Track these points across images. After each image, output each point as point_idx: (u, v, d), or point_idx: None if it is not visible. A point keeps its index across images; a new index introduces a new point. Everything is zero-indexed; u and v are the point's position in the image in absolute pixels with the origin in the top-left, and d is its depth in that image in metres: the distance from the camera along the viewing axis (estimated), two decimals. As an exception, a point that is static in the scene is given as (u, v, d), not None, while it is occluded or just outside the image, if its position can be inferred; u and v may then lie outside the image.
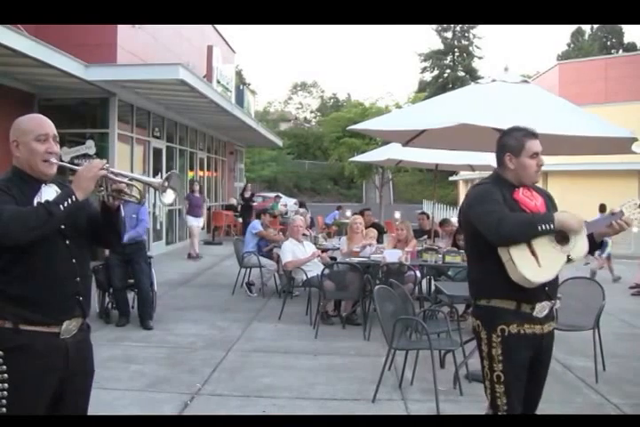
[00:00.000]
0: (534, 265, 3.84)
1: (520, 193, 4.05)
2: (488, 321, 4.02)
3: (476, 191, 4.11)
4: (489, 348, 4.00)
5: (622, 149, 8.81)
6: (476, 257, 4.16)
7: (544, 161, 4.13)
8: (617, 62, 39.05)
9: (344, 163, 34.96)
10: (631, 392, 7.13)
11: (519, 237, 3.82)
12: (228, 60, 27.05)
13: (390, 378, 7.02)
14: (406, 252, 10.32)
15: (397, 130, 9.06)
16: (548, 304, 4.03)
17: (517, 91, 8.39)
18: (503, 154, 4.13)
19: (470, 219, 4.03)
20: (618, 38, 71.19)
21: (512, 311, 3.95)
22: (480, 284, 4.11)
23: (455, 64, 70.03)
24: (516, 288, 3.87)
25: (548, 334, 4.09)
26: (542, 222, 3.81)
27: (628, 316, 11.43)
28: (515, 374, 3.96)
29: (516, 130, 4.17)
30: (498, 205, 3.91)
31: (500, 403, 3.97)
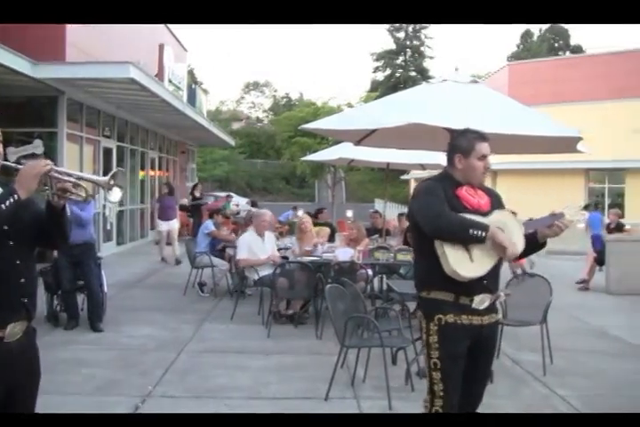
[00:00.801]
0: (466, 260, 3.95)
1: (463, 190, 4.17)
2: (428, 311, 4.14)
3: (421, 186, 4.23)
4: (427, 336, 4.13)
5: (569, 148, 8.95)
6: (419, 250, 4.32)
7: (491, 163, 4.26)
8: (565, 63, 39.59)
9: (296, 162, 35.00)
10: (577, 384, 7.31)
11: (449, 234, 3.95)
12: (180, 58, 26.90)
13: (343, 376, 7.03)
14: (358, 251, 10.37)
15: (349, 129, 9.08)
16: (489, 297, 4.11)
17: (467, 91, 8.47)
18: (453, 154, 4.25)
19: (413, 212, 4.18)
20: (565, 40, 72.21)
21: (450, 303, 4.06)
22: (422, 276, 4.25)
23: (407, 64, 70.34)
24: (453, 281, 3.98)
25: (489, 326, 4.20)
26: (476, 228, 3.92)
27: (574, 310, 11.65)
28: (450, 362, 4.07)
29: (469, 132, 4.31)
30: (438, 199, 4.02)
31: (437, 389, 4.09)
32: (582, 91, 34.33)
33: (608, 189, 35.55)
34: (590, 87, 34.37)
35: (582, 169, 34.04)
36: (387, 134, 9.00)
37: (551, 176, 32.64)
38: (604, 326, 10.49)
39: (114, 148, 19.57)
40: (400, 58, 70.44)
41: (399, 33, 69.56)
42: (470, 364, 4.14)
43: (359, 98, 58.11)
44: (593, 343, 9.38)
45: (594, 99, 33.66)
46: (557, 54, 64.94)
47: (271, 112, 76.19)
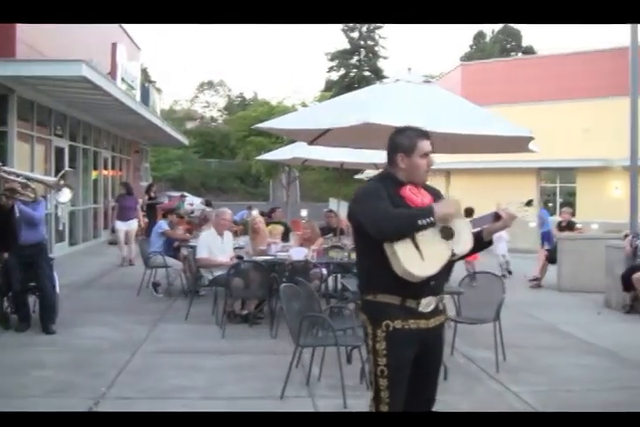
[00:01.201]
0: (418, 259, 3.85)
1: (407, 189, 4.07)
2: (374, 316, 4.03)
3: (363, 188, 4.15)
4: (374, 342, 4.01)
5: (521, 147, 9.07)
6: (363, 252, 4.20)
7: (434, 161, 4.18)
8: (517, 64, 39.94)
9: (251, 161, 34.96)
10: (530, 380, 7.42)
11: (401, 232, 3.84)
12: (133, 57, 26.71)
13: (298, 375, 7.04)
14: (312, 250, 10.39)
15: (303, 128, 9.11)
16: (434, 299, 4.05)
17: (420, 90, 8.53)
18: (395, 153, 4.14)
19: (356, 215, 4.05)
20: (517, 41, 72.93)
21: (397, 306, 3.97)
22: (367, 279, 4.14)
23: (361, 64, 70.44)
24: (400, 283, 3.89)
25: (435, 329, 4.11)
26: (422, 217, 3.82)
27: (527, 308, 11.82)
28: (398, 369, 3.99)
29: (409, 129, 4.20)
30: (382, 201, 3.92)
31: (384, 395, 4.00)
32: (534, 91, 34.67)
33: (559, 189, 35.93)
34: (541, 88, 34.72)
35: (534, 168, 34.35)
36: (340, 134, 9.03)
37: (504, 176, 32.90)
38: (555, 323, 10.66)
39: (66, 147, 19.35)
40: (354, 58, 70.51)
41: (353, 33, 69.64)
42: (419, 368, 4.08)
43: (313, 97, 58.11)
44: (545, 340, 9.52)
45: (545, 99, 34.04)
46: (510, 55, 65.53)
47: (225, 111, 75.88)
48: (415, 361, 4.05)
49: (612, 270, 12.42)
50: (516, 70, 37.31)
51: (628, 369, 8.01)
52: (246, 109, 47.84)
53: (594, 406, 6.51)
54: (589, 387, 7.23)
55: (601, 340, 9.47)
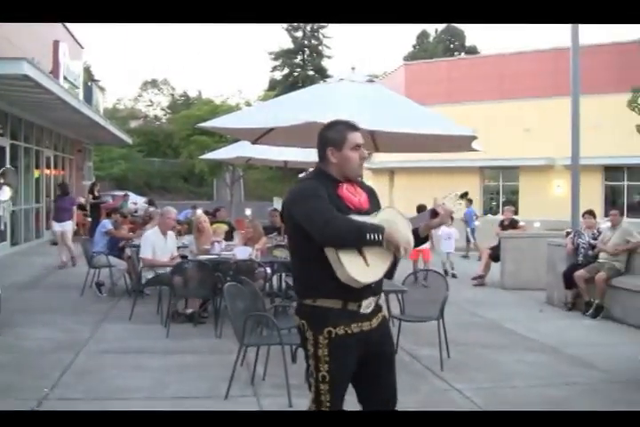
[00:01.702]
0: (362, 265, 3.76)
1: (344, 189, 3.97)
2: (314, 322, 3.92)
3: (300, 187, 4.01)
4: (315, 348, 3.90)
5: (464, 146, 9.15)
6: (300, 255, 4.04)
7: (366, 154, 4.09)
8: (460, 64, 40.33)
9: (194, 161, 34.75)
10: (473, 377, 7.50)
11: (345, 242, 3.73)
12: (76, 55, 26.38)
13: (242, 375, 7.03)
14: (256, 249, 10.38)
15: (246, 128, 9.09)
16: (374, 299, 3.99)
17: (364, 90, 8.56)
18: (325, 148, 4.02)
19: (294, 216, 3.90)
20: (460, 41, 73.62)
21: (338, 311, 3.87)
22: (305, 282, 4.00)
23: (305, 63, 70.48)
24: (342, 287, 3.79)
25: (378, 328, 4.04)
26: (372, 232, 3.71)
27: (470, 305, 11.96)
28: (340, 374, 3.92)
29: (337, 123, 4.11)
30: (323, 202, 3.80)
31: (324, 399, 3.92)
32: (476, 91, 35.05)
33: (502, 187, 36.36)
34: (484, 87, 35.12)
35: (477, 167, 34.73)
36: (284, 133, 9.03)
37: (447, 174, 33.20)
38: (498, 320, 10.79)
39: (7, 146, 19.02)
40: (298, 57, 70.51)
41: (297, 32, 69.65)
42: (368, 368, 4.02)
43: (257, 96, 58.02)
44: (488, 337, 9.63)
45: (488, 99, 34.42)
46: (453, 55, 66.13)
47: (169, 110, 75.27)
48: (363, 362, 3.99)
49: (554, 268, 12.62)
50: (459, 70, 37.69)
51: (570, 365, 8.14)
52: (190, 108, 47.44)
53: (536, 403, 6.63)
54: (531, 383, 7.33)
55: (543, 337, 9.61)
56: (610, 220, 11.87)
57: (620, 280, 10.98)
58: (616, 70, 30.55)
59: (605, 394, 6.97)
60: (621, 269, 11.19)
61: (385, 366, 4.12)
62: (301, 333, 4.00)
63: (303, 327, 3.97)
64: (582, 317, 11.26)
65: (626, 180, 33.32)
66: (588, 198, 17.20)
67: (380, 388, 4.11)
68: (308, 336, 3.95)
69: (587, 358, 8.43)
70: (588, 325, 10.74)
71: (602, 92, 28.89)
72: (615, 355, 8.57)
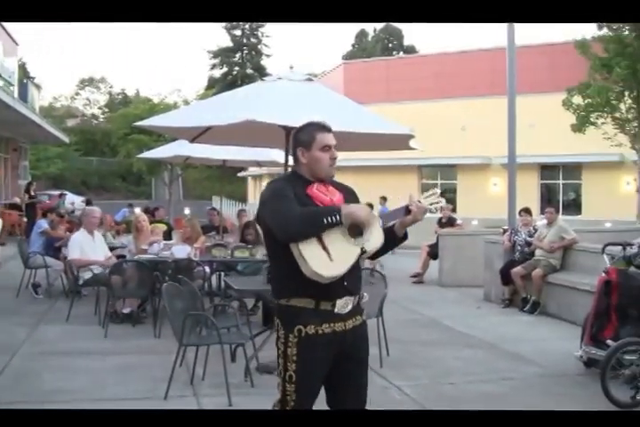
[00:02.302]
0: (326, 260, 3.75)
1: (314, 188, 3.98)
2: (286, 321, 3.93)
3: (269, 188, 4.02)
4: (285, 347, 3.91)
5: (402, 145, 9.22)
6: (273, 256, 4.08)
7: (336, 154, 4.08)
8: (398, 63, 40.60)
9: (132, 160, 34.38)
10: (412, 374, 7.57)
11: (306, 231, 3.74)
12: (11, 52, 25.91)
13: (182, 375, 6.98)
14: (195, 248, 10.33)
15: (184, 126, 9.01)
16: (351, 299, 3.96)
17: (302, 88, 8.56)
18: (296, 149, 4.07)
19: (264, 217, 3.94)
20: (398, 40, 74.15)
21: (311, 310, 3.87)
22: (279, 282, 4.03)
23: (244, 62, 70.35)
24: (313, 286, 3.78)
25: (353, 330, 4.02)
26: (327, 215, 3.72)
27: (409, 303, 12.03)
28: (308, 375, 3.91)
29: (309, 125, 4.13)
30: (287, 201, 3.82)
31: (290, 399, 3.91)
32: (415, 90, 35.32)
33: (440, 186, 36.66)
34: (422, 86, 35.39)
35: (415, 166, 35.00)
36: (222, 132, 8.98)
37: (386, 173, 33.42)
38: (437, 317, 10.90)
39: (-62, 145, 18.65)
40: (237, 55, 70.37)
41: (236, 30, 69.49)
42: (340, 371, 4.00)
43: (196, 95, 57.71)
44: (427, 334, 9.72)
45: (425, 98, 34.70)
46: (391, 54, 66.57)
47: (107, 109, 74.46)
48: (335, 364, 3.98)
49: (492, 265, 12.78)
50: (397, 69, 37.93)
51: (506, 361, 8.26)
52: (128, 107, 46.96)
53: (473, 398, 6.72)
54: (469, 379, 7.42)
55: (481, 333, 9.74)
56: (546, 217, 12.04)
57: (555, 277, 11.16)
58: (551, 70, 31.05)
59: (540, 389, 7.10)
60: (557, 265, 11.36)
61: (356, 370, 4.12)
62: (276, 332, 4.02)
63: (277, 326, 3.99)
64: (519, 313, 11.43)
65: (561, 178, 33.90)
66: (524, 196, 17.41)
67: (350, 392, 4.11)
68: (280, 335, 3.96)
69: (523, 353, 8.57)
70: (525, 321, 10.90)
71: (537, 92, 29.33)
72: (550, 350, 8.71)
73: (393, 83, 36.72)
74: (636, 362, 6.58)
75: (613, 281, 7.59)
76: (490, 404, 6.50)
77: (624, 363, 6.60)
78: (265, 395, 6.39)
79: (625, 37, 22.56)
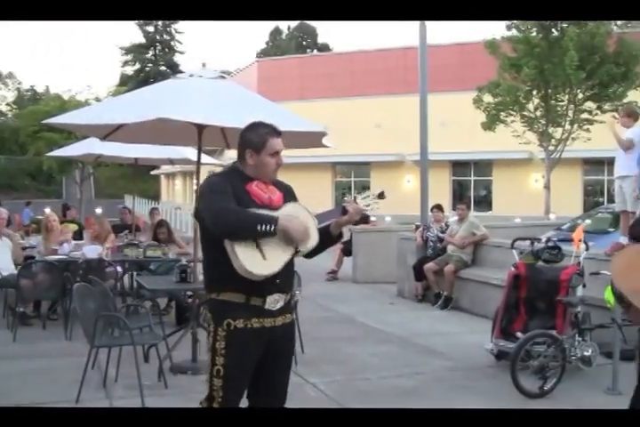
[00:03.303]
0: (259, 258, 3.77)
1: (254, 185, 3.98)
2: (216, 314, 3.95)
3: (206, 182, 4.05)
4: (213, 341, 3.92)
5: (315, 143, 9.24)
6: (207, 250, 4.09)
7: (283, 160, 4.11)
8: (312, 61, 40.79)
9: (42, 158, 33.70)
10: (327, 371, 7.61)
11: (237, 231, 3.75)
12: None
13: (94, 377, 6.86)
14: (106, 247, 10.18)
15: (95, 124, 8.86)
16: (282, 297, 3.97)
17: (215, 86, 8.51)
18: (244, 149, 4.04)
19: (200, 211, 3.97)
20: (312, 38, 74.43)
21: (241, 305, 3.88)
22: (211, 277, 4.06)
23: (157, 58, 69.71)
24: (245, 281, 3.79)
25: (283, 327, 4.03)
26: (262, 223, 3.73)
27: (323, 300, 12.07)
28: (236, 370, 3.91)
29: (261, 126, 4.09)
30: (223, 195, 3.83)
31: (216, 395, 3.91)
32: (328, 88, 35.50)
33: (354, 183, 37.00)
34: (336, 84, 35.60)
35: (329, 163, 35.20)
36: (134, 129, 8.86)
37: (300, 171, 33.42)
38: (351, 314, 10.96)
39: None
40: (150, 52, 69.71)
41: (148, 27, 68.76)
42: (265, 368, 4.01)
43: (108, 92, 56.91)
44: (341, 331, 9.76)
45: (339, 95, 34.91)
46: (305, 52, 66.78)
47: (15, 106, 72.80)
48: (261, 361, 3.99)
49: (405, 261, 12.91)
50: (311, 67, 38.04)
51: (419, 355, 8.37)
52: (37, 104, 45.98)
53: (387, 393, 6.79)
54: (383, 374, 7.49)
55: (394, 328, 9.84)
56: (457, 214, 12.24)
57: (467, 272, 11.35)
58: (462, 69, 31.57)
59: (452, 382, 7.24)
60: (468, 261, 11.56)
61: (280, 366, 4.14)
62: (208, 326, 4.06)
63: (209, 321, 4.02)
64: (432, 308, 11.58)
65: (472, 175, 34.53)
66: (436, 193, 17.68)
67: (273, 388, 4.13)
68: (210, 329, 3.98)
69: (435, 347, 8.71)
70: (438, 315, 11.06)
71: (449, 90, 29.79)
72: (462, 344, 8.86)
73: (307, 80, 36.84)
74: (544, 353, 6.77)
75: (522, 275, 7.79)
76: (403, 398, 6.62)
77: (533, 354, 6.78)
78: (179, 395, 6.43)
79: (533, 38, 23.12)
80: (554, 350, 6.80)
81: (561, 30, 23.17)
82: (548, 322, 7.43)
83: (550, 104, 23.81)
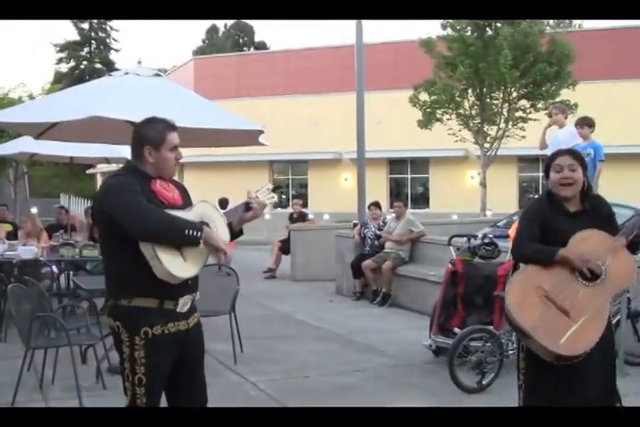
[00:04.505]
0: (180, 261, 3.72)
1: (157, 184, 3.91)
2: (130, 323, 3.83)
3: (113, 182, 3.87)
4: (131, 350, 3.81)
5: (252, 141, 9.25)
6: (112, 253, 3.93)
7: (182, 154, 4.05)
8: (248, 59, 40.65)
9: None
10: (266, 369, 7.58)
11: (165, 236, 3.67)
12: None
13: (30, 379, 6.76)
14: (42, 247, 10.04)
15: (29, 122, 8.74)
16: (190, 297, 3.96)
17: (150, 84, 8.47)
18: (142, 146, 3.93)
19: (107, 211, 3.78)
20: (249, 37, 74.12)
21: (155, 310, 3.81)
22: (119, 282, 3.89)
23: (92, 56, 68.74)
24: (158, 285, 3.72)
25: (194, 327, 4.04)
26: (190, 228, 3.69)
27: (262, 298, 12.07)
28: (158, 376, 3.86)
29: (156, 121, 4.00)
30: (139, 197, 3.73)
31: (140, 403, 3.85)
32: (265, 86, 35.44)
33: (292, 181, 36.99)
34: (273, 82, 35.56)
35: (266, 161, 35.15)
36: (69, 128, 8.77)
37: (237, 169, 33.42)
38: (290, 312, 10.98)
39: None
40: (85, 49, 68.68)
41: (83, 24, 67.80)
42: (182, 370, 3.99)
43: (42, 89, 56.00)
44: (280, 329, 9.77)
45: (276, 93, 34.89)
46: (242, 50, 66.55)
47: (-56, 104, 71.39)
48: (178, 363, 3.95)
49: (343, 259, 12.96)
50: (248, 65, 37.94)
51: (358, 353, 8.40)
52: (-32, 102, 45.11)
53: (327, 391, 6.81)
54: (323, 372, 7.51)
55: (333, 326, 9.87)
56: (394, 211, 12.32)
57: (404, 269, 11.43)
58: (398, 68, 31.78)
59: (391, 378, 7.28)
60: (406, 258, 11.65)
61: (197, 367, 4.13)
62: (115, 335, 3.89)
63: (118, 329, 3.86)
64: (370, 305, 11.65)
65: (409, 172, 34.79)
66: (374, 191, 17.79)
67: (194, 389, 4.11)
68: (123, 338, 3.84)
69: (374, 344, 8.75)
70: (376, 313, 11.12)
71: (386, 89, 29.98)
72: (400, 340, 8.93)
73: (244, 79, 36.74)
74: (481, 349, 6.86)
75: (459, 272, 7.89)
76: (343, 395, 6.64)
77: (470, 350, 6.87)
78: (117, 395, 6.29)
79: (468, 37, 23.38)
80: (491, 345, 6.90)
81: (495, 30, 23.49)
82: (485, 318, 7.53)
83: (485, 102, 24.13)
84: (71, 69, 67.64)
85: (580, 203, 4.37)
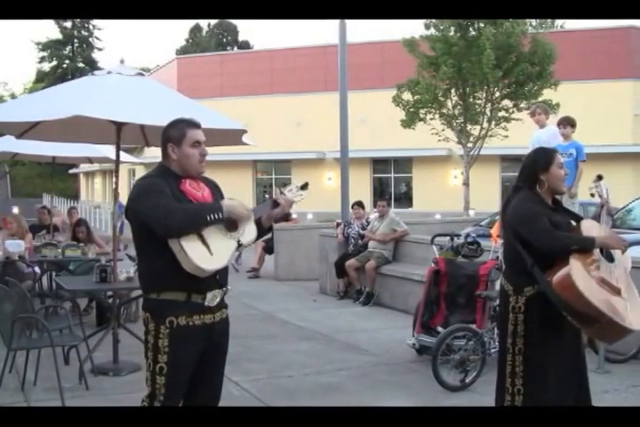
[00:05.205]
0: (206, 254, 3.82)
1: (187, 184, 4.03)
2: (157, 313, 3.95)
3: (142, 184, 4.03)
4: (155, 339, 3.93)
5: (235, 140, 9.23)
6: (144, 251, 4.08)
7: (207, 151, 4.16)
8: (232, 58, 40.60)
9: (-45, 156, 32.91)
10: (250, 369, 7.57)
11: (189, 228, 3.80)
12: None
13: (12, 381, 6.71)
14: (25, 248, 9.99)
15: (10, 121, 8.69)
16: (220, 292, 4.03)
17: (133, 83, 8.42)
18: (166, 145, 4.10)
19: (137, 213, 3.94)
20: (233, 36, 74.10)
21: (182, 303, 3.92)
22: (149, 277, 4.05)
23: (75, 55, 68.55)
24: (186, 279, 3.85)
25: (220, 322, 4.09)
26: (211, 212, 3.83)
27: (245, 298, 12.03)
28: (179, 367, 3.94)
29: (178, 121, 4.17)
30: (164, 197, 3.86)
31: (158, 393, 3.92)
32: (249, 85, 35.43)
33: (275, 180, 36.98)
34: (256, 81, 35.54)
35: (250, 161, 35.15)
36: (51, 127, 8.72)
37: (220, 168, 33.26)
38: (274, 312, 10.98)
39: None
40: (67, 48, 68.49)
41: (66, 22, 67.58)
42: (206, 365, 4.07)
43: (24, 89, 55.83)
44: (264, 328, 9.77)
45: (260, 93, 34.89)
46: (226, 49, 66.53)
47: None
48: (204, 356, 4.03)
49: (326, 258, 12.97)
50: (231, 64, 37.91)
51: (342, 352, 8.41)
52: (-50, 101, 44.97)
53: (311, 390, 6.83)
54: (306, 371, 7.52)
55: (317, 325, 9.88)
56: (378, 210, 12.34)
57: (388, 268, 11.45)
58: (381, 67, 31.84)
59: (374, 377, 7.30)
60: (389, 257, 11.68)
61: (219, 363, 4.21)
62: (145, 326, 4.03)
63: (147, 320, 4.00)
64: (354, 304, 11.66)
65: (392, 172, 34.86)
66: (357, 190, 17.84)
67: (213, 385, 4.20)
68: (150, 328, 3.97)
69: (357, 343, 8.78)
70: (360, 312, 11.13)
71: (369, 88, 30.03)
72: (384, 339, 8.96)
73: (227, 78, 36.71)
74: (464, 347, 6.88)
75: (442, 271, 7.91)
76: (327, 395, 6.66)
77: (453, 348, 6.90)
78: (100, 396, 6.35)
79: (451, 37, 23.45)
80: (474, 343, 6.92)
81: (478, 30, 23.56)
82: (468, 316, 7.56)
83: (468, 102, 24.22)
84: (53, 68, 67.44)
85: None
